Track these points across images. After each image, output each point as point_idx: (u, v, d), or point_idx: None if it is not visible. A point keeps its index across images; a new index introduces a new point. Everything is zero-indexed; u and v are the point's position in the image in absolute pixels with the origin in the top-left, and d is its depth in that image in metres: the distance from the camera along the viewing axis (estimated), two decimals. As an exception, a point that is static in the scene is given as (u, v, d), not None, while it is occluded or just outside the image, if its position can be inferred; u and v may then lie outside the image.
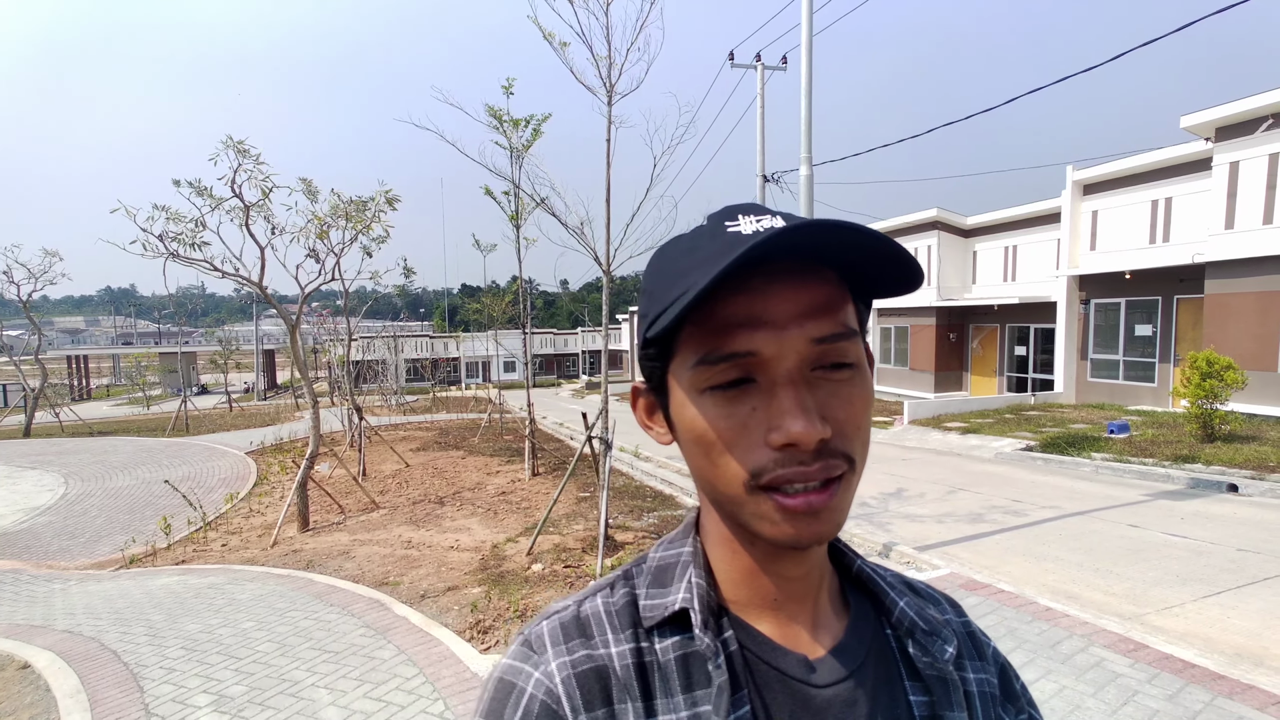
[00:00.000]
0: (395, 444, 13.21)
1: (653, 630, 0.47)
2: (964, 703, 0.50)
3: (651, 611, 0.47)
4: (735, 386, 0.42)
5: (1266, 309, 10.82)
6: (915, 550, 5.43)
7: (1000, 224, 17.86)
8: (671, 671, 0.45)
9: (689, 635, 0.46)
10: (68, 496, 10.21)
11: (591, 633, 0.47)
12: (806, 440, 0.40)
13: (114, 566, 6.78)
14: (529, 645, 0.47)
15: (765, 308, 0.41)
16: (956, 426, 12.10)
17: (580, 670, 0.45)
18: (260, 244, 7.18)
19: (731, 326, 0.41)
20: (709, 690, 0.44)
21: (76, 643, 4.45)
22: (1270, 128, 10.74)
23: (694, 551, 0.50)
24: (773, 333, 0.41)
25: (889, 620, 0.52)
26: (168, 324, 43.42)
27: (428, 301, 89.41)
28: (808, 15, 7.39)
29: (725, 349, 0.41)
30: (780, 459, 0.41)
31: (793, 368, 0.41)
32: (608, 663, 0.45)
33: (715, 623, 0.46)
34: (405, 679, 3.53)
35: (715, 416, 0.43)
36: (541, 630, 0.48)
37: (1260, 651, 3.62)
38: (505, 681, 0.46)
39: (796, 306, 0.41)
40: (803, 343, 0.41)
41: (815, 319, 0.42)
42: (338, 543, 6.77)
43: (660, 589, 0.49)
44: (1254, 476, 7.28)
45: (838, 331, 0.42)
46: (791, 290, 0.42)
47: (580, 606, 0.49)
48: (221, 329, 47.35)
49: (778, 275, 0.42)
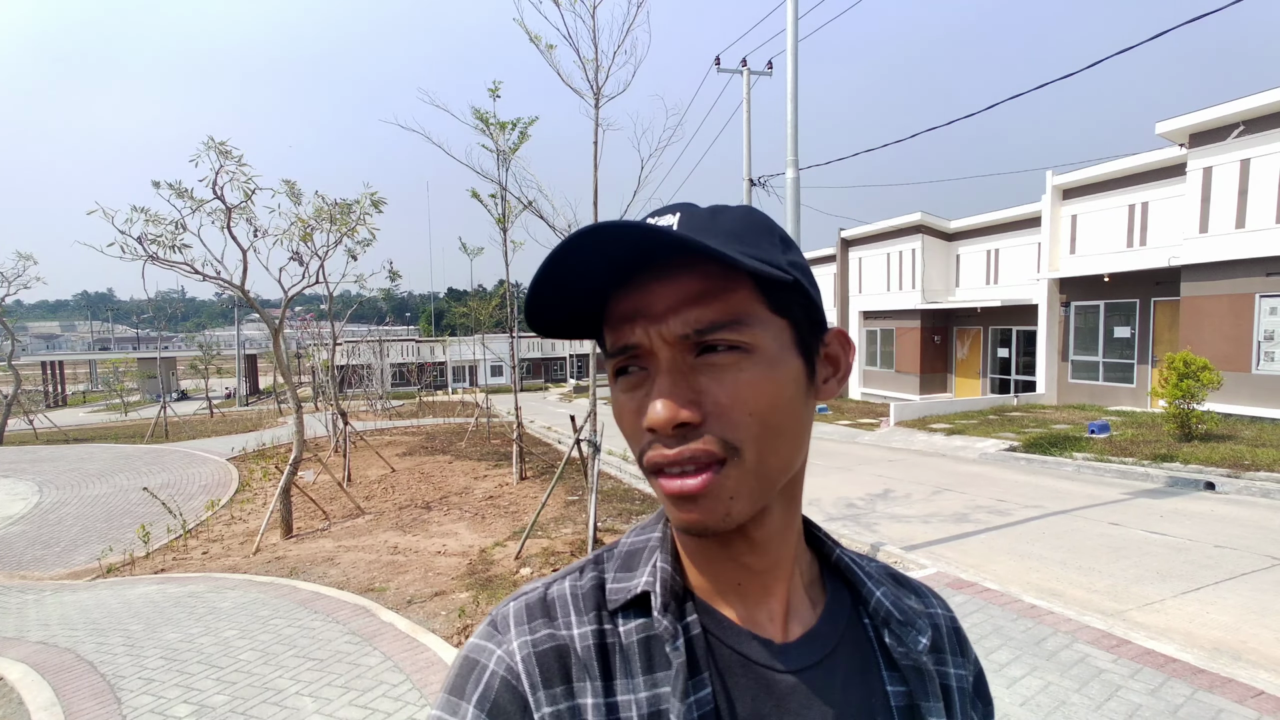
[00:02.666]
0: (381, 449, 13.06)
1: (616, 613, 0.48)
2: (940, 694, 0.50)
3: (616, 595, 0.48)
4: (632, 374, 0.45)
5: (1240, 311, 11.08)
6: (902, 550, 5.47)
7: (982, 228, 18.12)
8: (633, 653, 0.46)
9: (651, 618, 0.47)
10: (42, 505, 9.96)
11: (555, 614, 0.48)
12: (659, 424, 0.41)
13: (90, 576, 6.62)
14: (494, 625, 0.48)
15: (644, 302, 0.43)
16: (941, 428, 12.23)
17: (541, 649, 0.46)
18: (242, 247, 7.08)
19: (621, 321, 0.44)
20: (669, 672, 0.44)
21: (51, 654, 4.33)
22: (1242, 134, 11.03)
23: (662, 537, 0.51)
24: (648, 324, 0.43)
25: (866, 609, 0.52)
26: (146, 329, 42.64)
27: (414, 305, 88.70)
28: (793, 21, 7.47)
29: (618, 342, 0.45)
30: (652, 442, 0.43)
31: (667, 357, 0.43)
32: (569, 643, 0.46)
33: (678, 606, 0.47)
34: (391, 685, 3.48)
35: (620, 403, 0.46)
36: (508, 611, 0.49)
37: (1238, 645, 3.69)
38: (469, 659, 0.47)
39: (672, 297, 0.43)
40: (673, 333, 0.42)
41: (690, 307, 0.42)
42: (322, 549, 6.67)
43: (627, 573, 0.50)
44: (1230, 475, 7.43)
45: (716, 320, 0.42)
46: (664, 285, 0.43)
47: (549, 589, 0.50)
48: (202, 334, 46.62)
49: (664, 270, 0.43)
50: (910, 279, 18.97)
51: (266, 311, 7.89)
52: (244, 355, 36.77)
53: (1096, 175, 14.39)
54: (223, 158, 6.54)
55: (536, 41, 5.54)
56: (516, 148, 7.48)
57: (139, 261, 6.68)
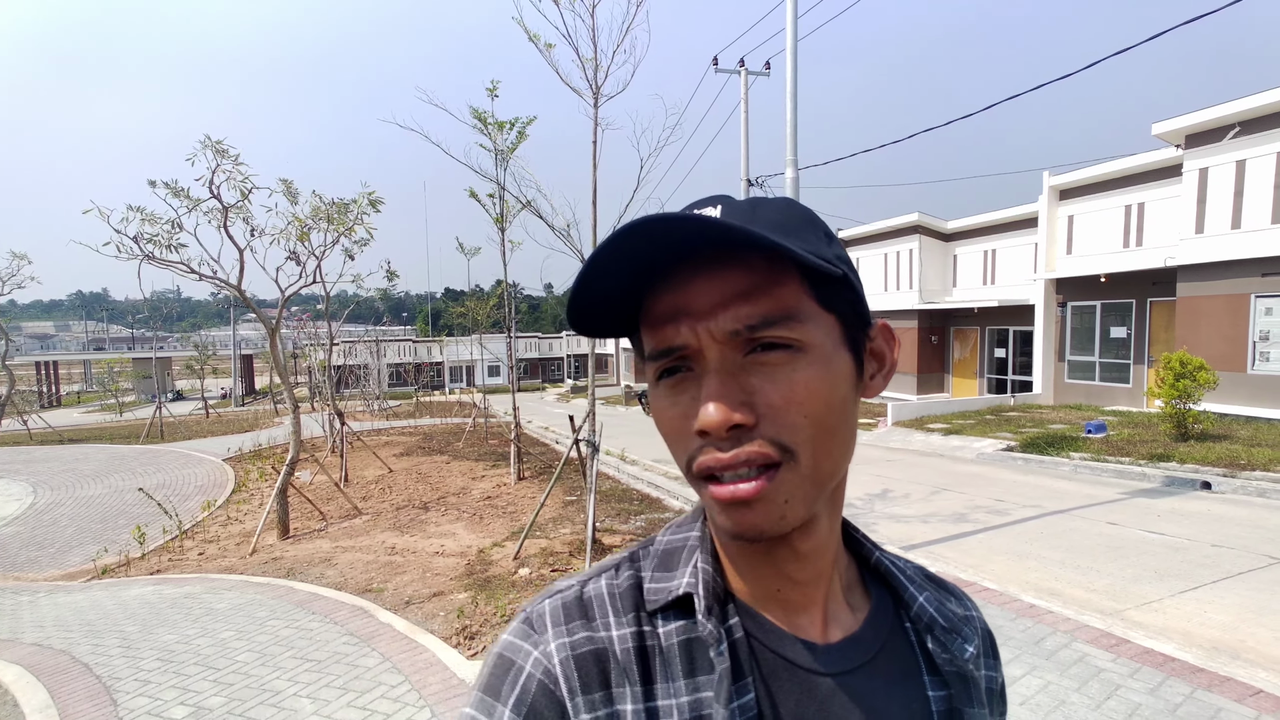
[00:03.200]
0: (378, 449, 13.03)
1: (656, 614, 0.46)
2: (984, 700, 0.50)
3: (656, 595, 0.47)
4: (676, 374, 0.43)
5: (1236, 311, 11.12)
6: (901, 550, 5.47)
7: (980, 228, 18.17)
8: (674, 656, 0.45)
9: (693, 620, 0.45)
10: (36, 506, 9.91)
11: (593, 614, 0.47)
12: (713, 426, 0.40)
13: (85, 577, 6.58)
14: (530, 623, 0.47)
15: (687, 300, 0.42)
16: (939, 428, 12.25)
17: (579, 652, 0.44)
18: (239, 246, 7.06)
19: (662, 321, 0.42)
20: (711, 676, 0.43)
21: (46, 656, 4.30)
22: (1238, 135, 11.07)
23: (701, 536, 0.49)
24: (694, 323, 0.41)
25: (908, 614, 0.52)
26: (142, 329, 42.48)
27: (411, 305, 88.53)
28: (792, 20, 7.48)
29: (660, 344, 0.43)
30: (703, 446, 0.41)
31: (716, 356, 0.41)
32: (608, 645, 0.45)
33: (720, 609, 0.46)
34: (390, 686, 3.46)
35: (663, 406, 0.44)
36: (544, 609, 0.47)
37: (1237, 644, 3.70)
38: (505, 658, 0.45)
39: (717, 294, 0.41)
40: (724, 330, 0.41)
41: (738, 304, 0.41)
42: (319, 550, 6.64)
43: (666, 572, 0.48)
44: (1226, 474, 7.46)
45: (767, 316, 0.41)
46: (712, 279, 0.41)
47: (584, 587, 0.49)
48: (198, 334, 46.43)
49: (699, 268, 0.42)
50: (908, 279, 19.01)
51: (263, 311, 7.86)
52: (240, 355, 36.67)
53: (1093, 176, 14.44)
54: (219, 157, 6.51)
55: (535, 40, 5.52)
56: (515, 147, 7.46)
57: (134, 261, 6.65)
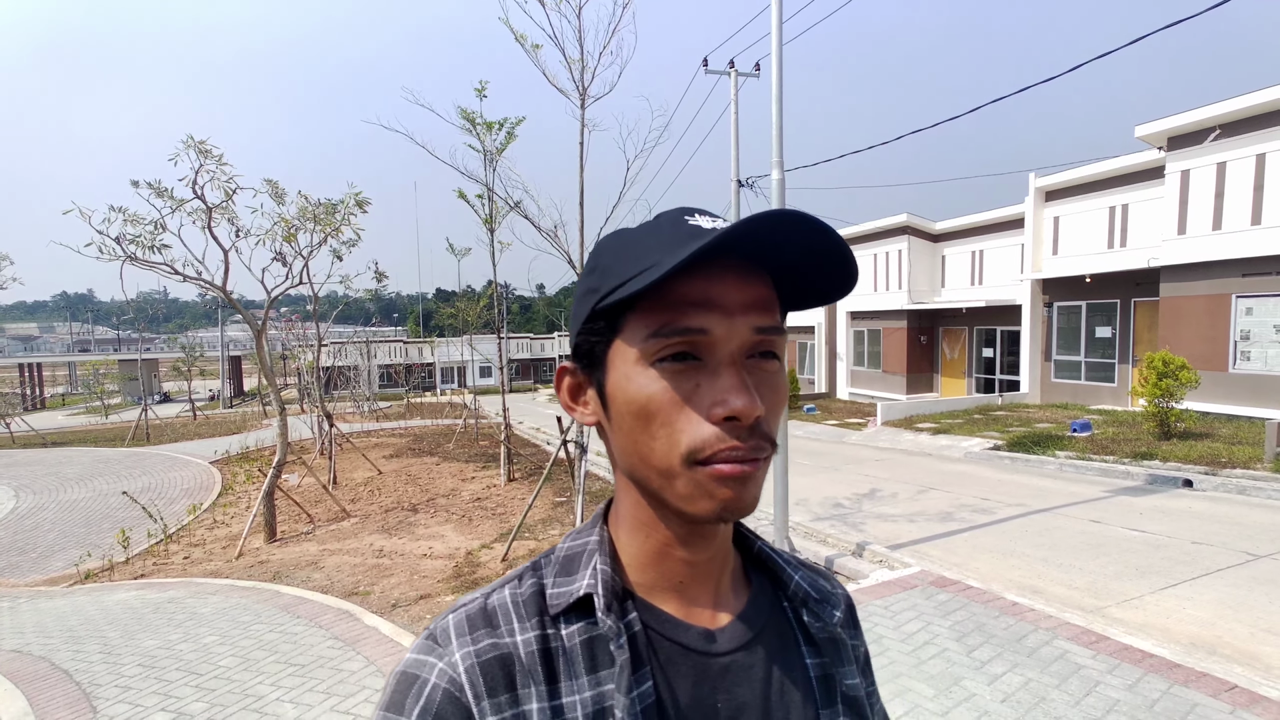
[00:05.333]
0: (367, 451, 12.95)
1: (559, 617, 0.49)
2: (854, 660, 0.57)
3: (557, 599, 0.49)
4: (683, 361, 0.45)
5: (1216, 311, 11.29)
6: (888, 549, 5.50)
7: (967, 229, 18.32)
8: (576, 655, 0.47)
9: (593, 620, 0.48)
10: (18, 510, 9.77)
11: (498, 622, 0.48)
12: (748, 414, 0.43)
13: (67, 583, 6.50)
14: (433, 639, 0.48)
15: (720, 293, 0.45)
16: (927, 427, 12.34)
17: (485, 659, 0.46)
18: (224, 247, 6.99)
19: (687, 305, 0.44)
20: (612, 670, 0.46)
21: (25, 662, 4.24)
22: (1218, 138, 11.24)
23: (600, 540, 0.52)
24: (724, 315, 0.45)
25: (785, 593, 0.57)
26: (127, 330, 41.97)
27: (401, 306, 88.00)
28: (777, 23, 7.50)
29: (681, 323, 0.44)
30: (720, 434, 0.44)
31: (736, 350, 0.45)
32: (513, 650, 0.47)
33: (619, 605, 0.48)
34: (374, 690, 3.45)
35: (662, 388, 0.45)
36: (447, 623, 0.49)
37: (1213, 640, 3.75)
38: (407, 674, 0.46)
39: (745, 296, 0.46)
40: (747, 329, 0.45)
41: (759, 311, 0.46)
42: (306, 553, 6.60)
43: (567, 577, 0.50)
44: (1207, 472, 7.57)
45: (775, 325, 0.47)
46: (741, 282, 0.46)
47: (488, 598, 0.51)
48: (185, 335, 45.94)
49: (731, 269, 0.46)
50: (897, 279, 19.14)
51: (249, 312, 7.79)
52: (228, 357, 36.30)
53: (1078, 178, 14.60)
54: (202, 157, 6.45)
55: (522, 41, 5.52)
56: (503, 148, 7.46)
57: (118, 262, 6.57)
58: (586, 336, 0.49)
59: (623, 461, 0.50)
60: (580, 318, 0.49)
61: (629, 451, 0.48)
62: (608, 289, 0.46)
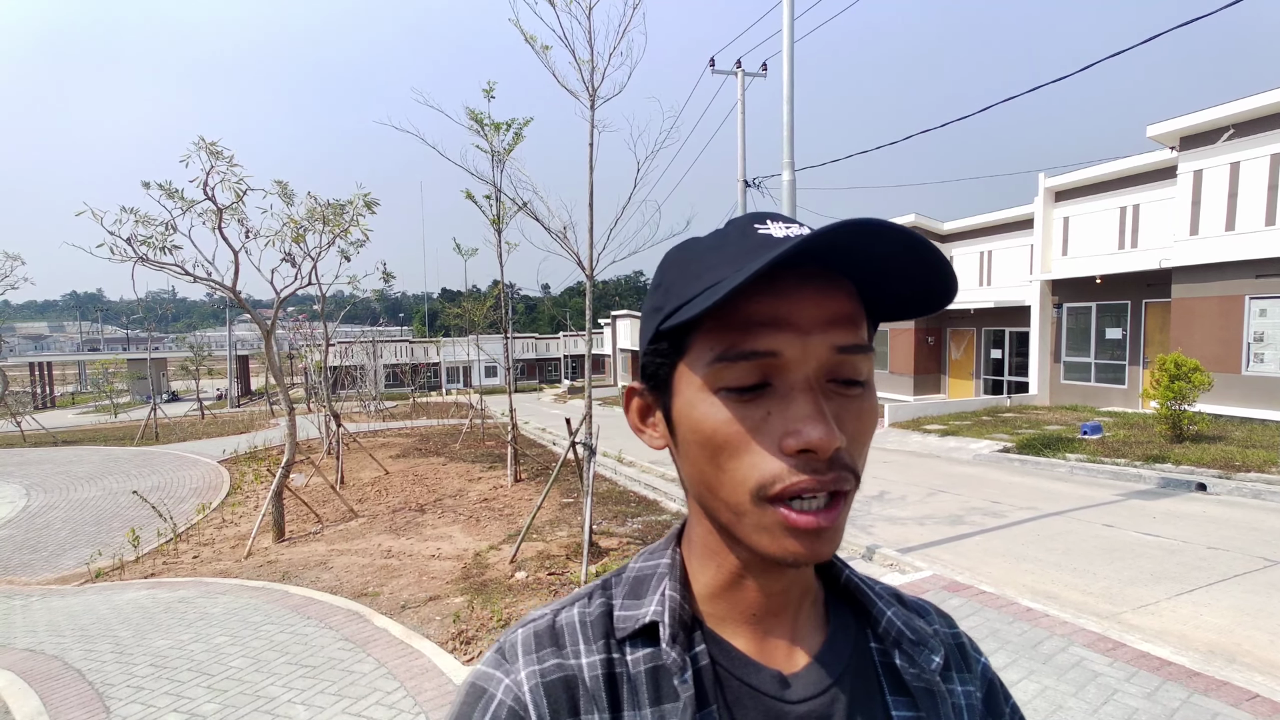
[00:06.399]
0: (374, 451, 12.99)
1: (625, 642, 0.47)
2: (952, 715, 0.49)
3: (624, 623, 0.47)
4: (751, 390, 0.41)
5: (1229, 312, 11.17)
6: (898, 553, 5.47)
7: (976, 229, 18.22)
8: (641, 684, 0.45)
9: (660, 648, 0.46)
10: (29, 508, 9.84)
11: (564, 642, 0.47)
12: (825, 447, 0.39)
13: (79, 581, 6.54)
14: (502, 653, 0.48)
15: (792, 310, 0.41)
16: (935, 429, 12.27)
17: (549, 680, 0.45)
18: (233, 248, 7.02)
19: (755, 324, 0.41)
20: (677, 704, 0.43)
21: (38, 661, 4.27)
22: (1231, 137, 11.13)
23: (671, 563, 0.50)
24: (797, 335, 0.40)
25: (875, 631, 0.52)
26: (136, 329, 42.28)
27: (407, 306, 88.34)
28: (788, 22, 7.48)
29: (747, 346, 0.41)
30: (794, 466, 0.40)
31: (812, 373, 0.41)
32: (577, 673, 0.45)
33: (686, 636, 0.46)
34: (386, 693, 3.44)
35: (728, 418, 0.41)
36: (515, 638, 0.48)
37: (1233, 647, 3.70)
38: (476, 687, 0.46)
39: (822, 312, 0.41)
40: (825, 349, 0.41)
41: (839, 328, 0.42)
42: (315, 553, 6.61)
43: (635, 600, 0.49)
44: (1221, 475, 7.49)
45: (858, 343, 0.42)
46: (818, 296, 0.41)
47: (556, 616, 0.49)
48: (193, 334, 46.26)
49: (807, 280, 0.41)
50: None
51: (258, 312, 7.82)
52: (236, 356, 36.52)
53: (1088, 178, 14.49)
54: (213, 158, 6.47)
55: (532, 42, 5.50)
56: (511, 148, 7.44)
57: (128, 263, 6.61)
58: (652, 358, 0.47)
59: (692, 489, 0.47)
60: (646, 337, 0.47)
61: (697, 480, 0.45)
62: (671, 308, 0.43)
